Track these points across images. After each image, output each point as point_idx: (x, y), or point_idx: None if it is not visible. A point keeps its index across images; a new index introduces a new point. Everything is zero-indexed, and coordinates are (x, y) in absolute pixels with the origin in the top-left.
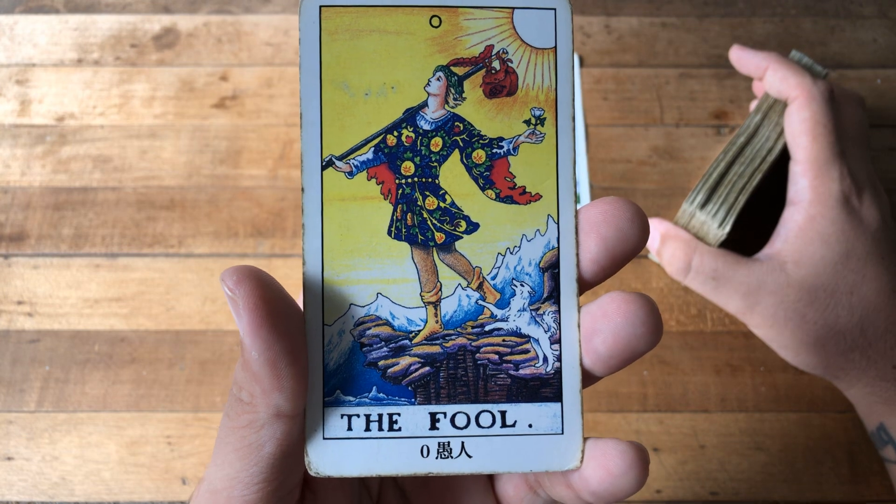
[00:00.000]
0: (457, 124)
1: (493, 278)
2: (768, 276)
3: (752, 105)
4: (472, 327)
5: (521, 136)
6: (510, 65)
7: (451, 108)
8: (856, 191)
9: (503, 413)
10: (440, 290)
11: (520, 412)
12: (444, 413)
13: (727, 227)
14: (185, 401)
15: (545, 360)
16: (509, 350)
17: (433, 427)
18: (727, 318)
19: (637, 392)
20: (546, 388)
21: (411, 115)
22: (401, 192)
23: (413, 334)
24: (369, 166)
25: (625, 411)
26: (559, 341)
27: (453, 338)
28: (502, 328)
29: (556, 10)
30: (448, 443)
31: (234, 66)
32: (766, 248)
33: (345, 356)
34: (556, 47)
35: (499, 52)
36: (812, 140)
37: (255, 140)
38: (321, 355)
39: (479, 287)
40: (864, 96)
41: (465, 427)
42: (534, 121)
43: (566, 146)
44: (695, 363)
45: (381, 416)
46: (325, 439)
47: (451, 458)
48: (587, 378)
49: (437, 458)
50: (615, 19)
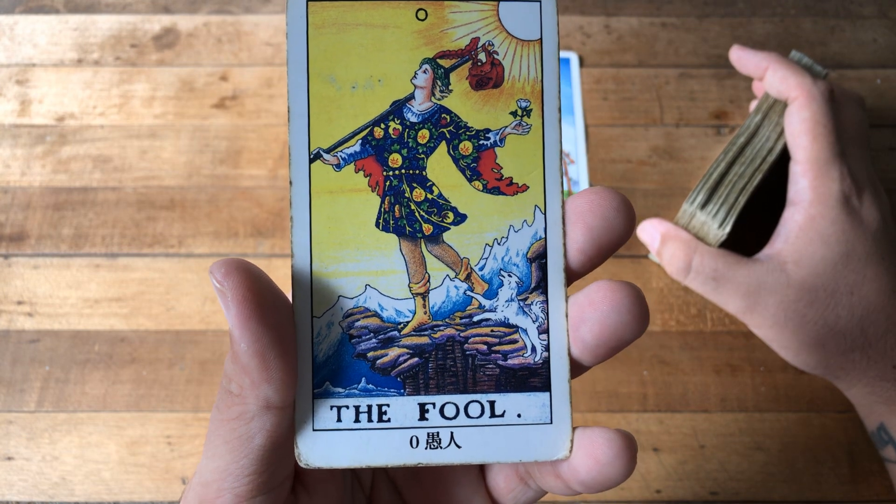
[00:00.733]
0: (443, 116)
1: (481, 269)
2: (768, 277)
3: (752, 105)
4: (461, 318)
5: (507, 127)
6: (496, 57)
7: (438, 100)
8: (856, 191)
9: (492, 403)
10: (428, 281)
11: (508, 402)
12: (434, 403)
13: (727, 228)
14: (185, 401)
15: (533, 349)
16: (498, 340)
17: (422, 418)
18: (727, 318)
19: (637, 392)
20: (534, 378)
21: (398, 108)
22: (388, 184)
23: (402, 325)
24: (357, 159)
25: (625, 411)
26: (547, 331)
27: (442, 328)
28: (490, 318)
29: (541, 2)
30: (437, 433)
31: (234, 66)
32: (767, 248)
33: (334, 348)
34: (541, 39)
35: (485, 44)
36: (812, 140)
37: (255, 140)
38: (310, 347)
39: (467, 278)
40: (864, 96)
41: (455, 417)
42: (520, 112)
43: (552, 137)
44: (695, 363)
45: (370, 407)
46: (314, 431)
47: (441, 448)
48: (575, 368)
49: (426, 448)
50: (615, 19)
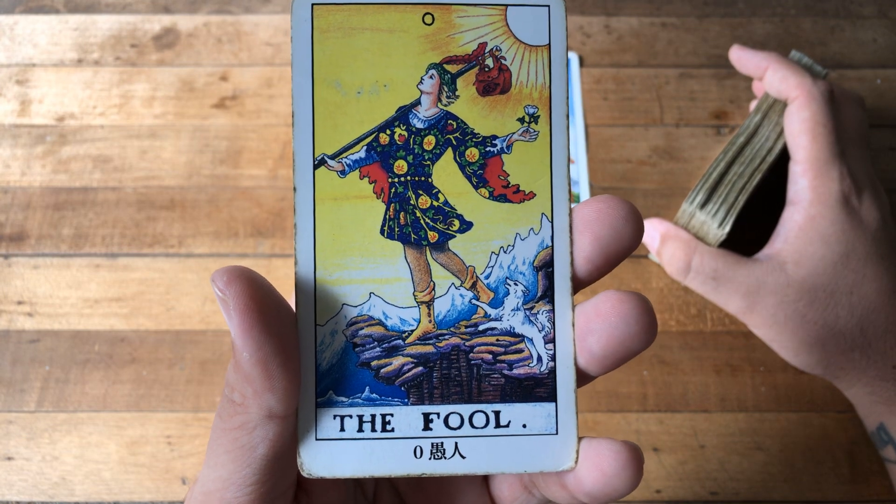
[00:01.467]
0: (450, 122)
1: (487, 277)
2: (768, 277)
3: (752, 105)
4: (466, 327)
5: (514, 134)
6: (503, 62)
7: (444, 106)
8: (856, 191)
9: (497, 413)
10: (433, 289)
11: (514, 412)
12: (438, 413)
13: (727, 227)
14: (185, 401)
15: (539, 359)
16: (503, 350)
17: (426, 427)
18: (727, 318)
19: (637, 392)
20: (540, 388)
21: (404, 114)
22: (393, 190)
23: (406, 334)
24: (362, 165)
25: (625, 411)
26: (553, 340)
27: (447, 337)
28: (496, 328)
29: (549, 7)
30: (441, 443)
31: (234, 66)
32: (766, 248)
33: (337, 356)
34: (549, 45)
35: (492, 49)
36: (812, 140)
37: (255, 140)
38: (313, 356)
39: (473, 286)
40: (864, 96)
41: (459, 427)
42: (527, 119)
43: (560, 144)
44: (695, 363)
45: (373, 416)
46: (317, 440)
47: (445, 458)
48: (582, 378)
49: (430, 458)
50: (615, 19)
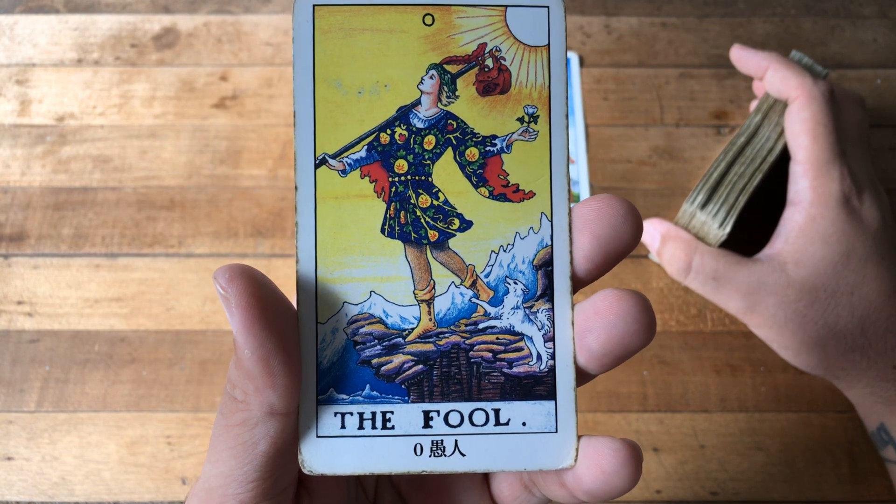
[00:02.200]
0: (450, 122)
1: (487, 276)
2: (769, 277)
3: (753, 105)
4: (466, 325)
5: (514, 133)
6: (503, 62)
7: (445, 106)
8: (856, 191)
9: (497, 411)
10: (433, 287)
11: (513, 410)
12: (438, 411)
13: (727, 228)
14: (185, 401)
15: (539, 358)
16: (503, 348)
17: (426, 425)
18: (727, 318)
19: (637, 392)
20: (540, 387)
21: (404, 114)
22: (394, 190)
23: (406, 332)
24: (362, 164)
25: (625, 411)
26: (553, 339)
27: (447, 336)
28: (496, 326)
29: (549, 7)
30: (441, 441)
31: (234, 66)
32: (767, 248)
33: (338, 354)
34: (549, 45)
35: (492, 49)
36: (812, 140)
37: (255, 140)
38: (314, 353)
39: (473, 285)
40: (864, 96)
41: (459, 425)
42: (527, 118)
43: (559, 144)
44: (695, 363)
45: (374, 414)
46: (318, 437)
47: (445, 456)
48: (581, 376)
49: (430, 456)
50: (615, 19)
